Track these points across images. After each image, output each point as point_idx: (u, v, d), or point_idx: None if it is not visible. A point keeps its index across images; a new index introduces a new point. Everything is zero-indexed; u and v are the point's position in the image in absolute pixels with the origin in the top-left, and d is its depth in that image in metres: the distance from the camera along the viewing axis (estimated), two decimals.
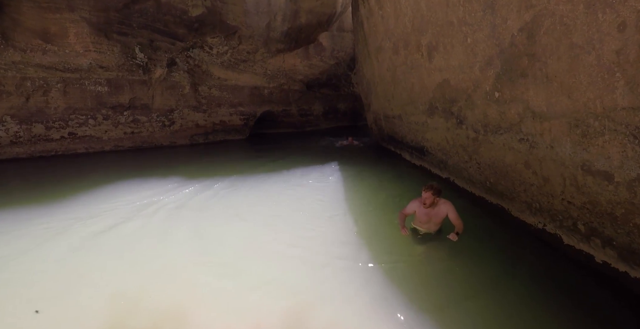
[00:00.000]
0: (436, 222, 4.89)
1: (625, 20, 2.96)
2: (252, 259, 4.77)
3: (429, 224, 4.95)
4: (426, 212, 4.80)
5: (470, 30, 5.23)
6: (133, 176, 9.31)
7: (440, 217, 4.82)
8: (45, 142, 12.64)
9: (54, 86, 12.47)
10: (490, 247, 4.88)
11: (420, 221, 4.95)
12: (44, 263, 4.77)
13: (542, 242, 4.91)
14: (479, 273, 4.25)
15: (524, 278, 4.13)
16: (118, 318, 3.59)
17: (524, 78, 4.39)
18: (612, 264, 4.00)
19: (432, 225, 4.95)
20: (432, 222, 4.89)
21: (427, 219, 4.86)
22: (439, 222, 4.90)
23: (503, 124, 5.21)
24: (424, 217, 4.86)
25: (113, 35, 12.64)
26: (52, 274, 4.48)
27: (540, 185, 4.76)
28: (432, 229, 5.04)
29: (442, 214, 4.79)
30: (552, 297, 3.78)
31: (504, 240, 5.11)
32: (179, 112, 14.75)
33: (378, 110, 11.96)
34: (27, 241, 5.42)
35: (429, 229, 5.04)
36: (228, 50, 14.61)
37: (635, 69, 2.98)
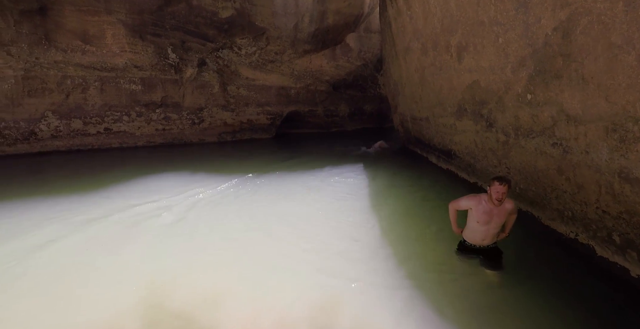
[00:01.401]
0: (497, 224, 4.05)
1: None
2: (281, 254, 4.90)
3: (487, 228, 4.07)
4: (489, 210, 3.97)
5: (501, 29, 5.05)
6: (165, 171, 9.74)
7: (503, 217, 4.03)
8: (82, 136, 13.39)
9: (92, 84, 13.16)
10: (516, 256, 4.67)
11: (479, 221, 4.04)
12: (84, 249, 5.10)
13: (573, 252, 4.67)
14: (501, 283, 4.10)
15: (552, 291, 3.94)
16: (155, 301, 3.82)
17: (559, 79, 4.19)
18: None
19: (491, 229, 4.08)
20: (493, 224, 4.04)
21: (487, 220, 4.00)
22: (499, 225, 4.07)
23: (535, 128, 5.00)
24: (485, 217, 3.99)
25: (147, 36, 13.07)
26: (91, 258, 4.80)
27: (574, 192, 4.53)
28: (487, 239, 4.18)
29: (505, 213, 4.03)
30: (577, 309, 3.59)
31: (533, 250, 4.90)
32: (208, 111, 15.09)
33: (405, 112, 11.78)
34: (67, 228, 5.77)
35: (484, 237, 4.16)
36: (256, 51, 14.80)
37: None
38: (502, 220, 4.03)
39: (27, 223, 5.97)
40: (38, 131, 12.71)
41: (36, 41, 11.92)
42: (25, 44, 11.75)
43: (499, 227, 4.08)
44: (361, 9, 14.81)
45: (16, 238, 5.38)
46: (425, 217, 6.14)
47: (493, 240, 4.22)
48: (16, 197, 7.40)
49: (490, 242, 4.21)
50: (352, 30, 15.25)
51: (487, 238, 4.17)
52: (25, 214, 6.44)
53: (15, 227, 5.79)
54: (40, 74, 12.34)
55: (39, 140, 12.75)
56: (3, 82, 12.00)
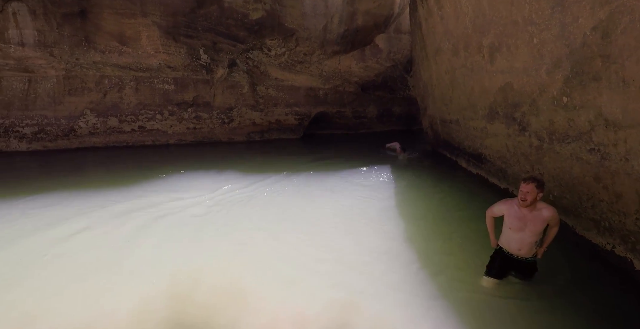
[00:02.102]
0: (532, 232, 3.73)
1: None
2: (306, 252, 4.97)
3: (521, 236, 3.79)
4: (521, 215, 3.71)
5: (536, 29, 4.83)
6: (195, 168, 10.04)
7: (539, 225, 3.69)
8: (118, 133, 13.93)
9: (127, 84, 13.70)
10: (548, 269, 4.42)
11: (512, 227, 3.80)
12: (116, 239, 5.35)
13: (609, 265, 4.41)
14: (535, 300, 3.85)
15: (586, 308, 3.71)
16: (181, 292, 3.96)
17: (597, 82, 3.96)
18: None
19: (526, 238, 3.78)
20: (528, 232, 3.74)
21: (520, 226, 3.74)
22: (536, 233, 3.74)
23: (571, 132, 4.75)
24: (517, 222, 3.75)
25: (180, 38, 13.45)
26: (122, 249, 5.03)
27: (612, 201, 4.27)
28: (524, 250, 3.86)
29: (542, 221, 3.68)
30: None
31: (565, 261, 4.65)
32: (237, 111, 15.34)
33: (434, 114, 11.54)
34: (102, 220, 6.08)
35: (520, 246, 3.85)
36: (285, 51, 14.91)
37: None
38: (539, 228, 3.70)
39: (66, 213, 6.35)
40: (77, 128, 13.32)
41: (77, 43, 12.48)
42: (67, 46, 12.31)
43: (535, 236, 3.75)
44: (391, 9, 14.62)
45: (54, 228, 5.71)
46: (454, 226, 5.94)
47: (531, 252, 3.88)
48: (57, 189, 7.84)
49: (527, 253, 3.88)
50: (382, 31, 15.09)
51: (523, 248, 3.85)
52: (65, 205, 6.82)
53: (54, 217, 6.14)
54: (80, 74, 12.93)
55: (77, 136, 13.37)
56: (46, 81, 12.67)
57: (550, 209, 3.70)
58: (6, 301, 3.81)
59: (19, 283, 4.15)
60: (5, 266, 4.55)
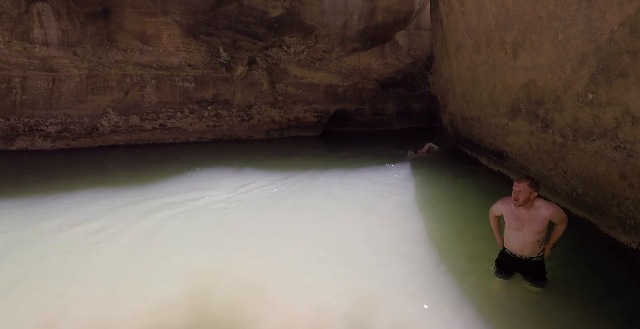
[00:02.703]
0: (532, 231, 3.59)
1: None
2: (324, 247, 5.03)
3: (521, 235, 3.66)
4: (518, 214, 3.61)
5: (562, 25, 4.77)
6: (216, 165, 10.19)
7: (537, 224, 3.54)
8: (139, 132, 14.23)
9: (148, 82, 13.97)
10: (572, 268, 4.38)
11: (510, 226, 3.72)
12: (138, 237, 5.47)
13: (635, 263, 4.34)
14: (560, 300, 3.75)
15: (610, 309, 3.66)
16: (202, 289, 4.02)
17: (624, 78, 3.90)
18: None
19: (526, 237, 3.63)
20: (527, 232, 3.61)
21: (518, 226, 3.63)
22: (536, 232, 3.58)
23: (596, 130, 4.69)
24: (515, 222, 3.64)
25: (200, 36, 13.66)
26: (144, 247, 5.15)
27: (638, 199, 4.21)
28: (527, 250, 3.71)
29: (540, 220, 3.53)
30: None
31: (590, 260, 4.59)
32: (257, 108, 15.50)
33: (455, 111, 11.44)
34: (124, 218, 6.17)
35: (522, 247, 3.71)
36: (305, 49, 14.98)
37: None
38: (538, 228, 3.55)
39: (90, 211, 6.47)
40: (99, 126, 13.66)
41: (99, 42, 12.76)
42: (89, 45, 12.60)
43: (536, 235, 3.59)
44: (411, 6, 14.52)
45: (78, 226, 5.81)
46: (474, 224, 5.79)
47: (535, 252, 3.71)
48: (82, 187, 8.00)
49: (530, 253, 3.72)
50: (402, 27, 15.00)
51: (525, 248, 3.70)
52: (89, 203, 6.96)
53: (78, 216, 6.26)
54: (102, 73, 13.25)
55: (100, 135, 13.70)
56: (70, 80, 13.05)
57: (549, 207, 3.54)
58: (29, 301, 3.85)
59: (41, 282, 4.18)
60: (24, 265, 4.57)
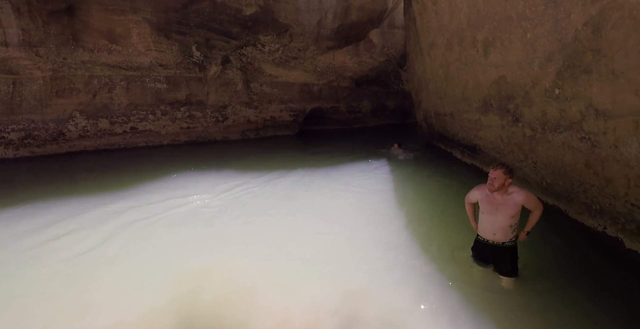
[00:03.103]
0: (505, 216, 3.69)
1: None
2: (309, 246, 5.09)
3: (494, 219, 3.76)
4: (492, 199, 3.72)
5: (530, 25, 5.08)
6: (192, 168, 9.92)
7: (510, 209, 3.65)
8: (109, 136, 13.56)
9: (118, 84, 13.34)
10: (545, 251, 4.71)
11: (484, 211, 3.81)
12: (114, 245, 5.27)
13: (602, 245, 4.71)
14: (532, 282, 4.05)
15: (584, 287, 3.98)
16: (190, 294, 3.96)
17: (588, 74, 4.22)
18: None
19: (499, 222, 3.75)
20: (500, 216, 3.72)
21: (492, 210, 3.73)
22: (509, 216, 3.69)
23: (563, 122, 5.02)
24: (489, 206, 3.75)
25: (172, 34, 13.36)
26: (123, 254, 4.99)
27: (602, 186, 4.56)
28: (499, 234, 3.82)
29: (513, 205, 3.65)
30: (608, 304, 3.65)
31: (560, 244, 4.93)
32: (231, 108, 15.33)
33: (429, 107, 11.79)
34: (102, 226, 5.94)
35: (494, 230, 3.83)
36: (279, 47, 14.98)
37: None
38: (511, 212, 3.66)
39: (57, 220, 6.15)
40: (66, 132, 12.87)
41: (64, 41, 12.05)
42: (53, 45, 11.88)
43: (509, 219, 3.70)
44: (385, 4, 14.79)
45: (57, 238, 5.51)
46: (453, 217, 6.01)
47: (507, 237, 3.81)
48: (47, 197, 7.52)
49: (503, 238, 3.82)
50: (376, 26, 15.28)
51: (497, 232, 3.81)
52: (54, 212, 6.56)
53: (45, 224, 5.96)
54: (68, 75, 12.49)
55: (67, 140, 12.90)
56: (32, 83, 12.13)
57: (521, 193, 3.65)
58: (9, 313, 3.75)
59: (14, 299, 4.01)
60: None
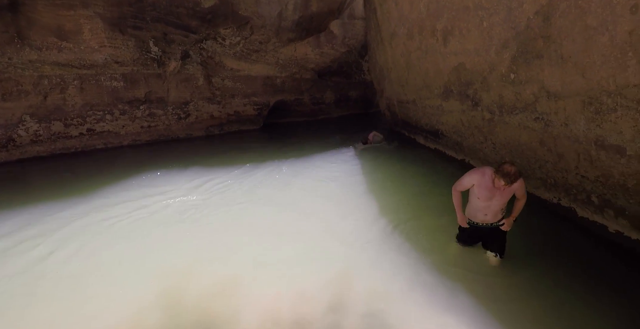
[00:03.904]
0: (499, 201, 3.76)
1: (637, 3, 3.17)
2: (287, 236, 5.18)
3: (488, 204, 3.80)
4: (492, 187, 3.68)
5: (486, 14, 5.42)
6: (157, 168, 9.62)
7: (506, 195, 3.73)
8: (64, 139, 12.76)
9: (70, 83, 12.52)
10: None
11: (480, 197, 3.78)
12: (89, 250, 5.11)
13: (557, 216, 5.17)
14: None
15: (540, 254, 4.41)
16: (174, 292, 3.96)
17: (539, 59, 4.60)
18: (625, 232, 4.27)
19: (492, 206, 3.80)
20: (495, 202, 3.76)
21: (489, 197, 3.73)
22: (503, 202, 3.78)
23: (518, 105, 5.43)
24: (486, 193, 3.72)
25: (127, 29, 12.83)
26: (99, 258, 4.87)
27: (555, 161, 5.00)
28: (490, 216, 3.89)
29: (510, 191, 3.71)
30: (563, 267, 4.08)
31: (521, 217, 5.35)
32: (194, 105, 15.01)
33: (392, 96, 12.14)
34: (68, 231, 5.71)
35: (486, 213, 3.87)
36: (240, 40, 14.80)
37: None
38: (506, 198, 3.75)
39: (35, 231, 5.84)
40: (16, 137, 11.94)
41: (8, 40, 11.22)
42: None
43: (502, 204, 3.79)
44: None
45: (33, 249, 5.24)
46: (424, 201, 6.34)
47: (497, 218, 3.92)
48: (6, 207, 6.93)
49: (492, 219, 3.92)
50: (336, 17, 15.41)
51: (489, 214, 3.87)
52: (15, 221, 6.21)
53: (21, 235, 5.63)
54: (14, 76, 11.56)
55: (17, 146, 11.97)
56: None
57: (518, 180, 3.61)
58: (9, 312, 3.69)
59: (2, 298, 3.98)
60: None
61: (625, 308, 3.34)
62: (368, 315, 3.43)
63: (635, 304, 3.39)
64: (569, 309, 3.37)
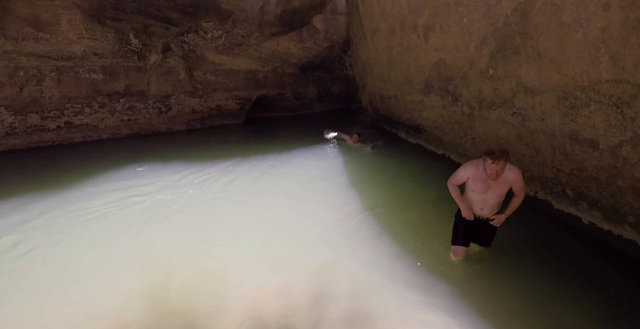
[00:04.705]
0: (495, 194, 3.66)
1: (609, 1, 3.27)
2: (272, 229, 5.20)
3: (484, 197, 3.71)
4: (486, 178, 3.58)
5: (466, 10, 5.50)
6: (137, 162, 9.47)
7: (502, 187, 3.61)
8: (41, 132, 12.52)
9: (47, 75, 12.29)
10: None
11: (475, 189, 3.69)
12: (69, 246, 5.06)
13: (534, 208, 5.33)
14: None
15: (517, 245, 4.53)
16: (157, 286, 3.93)
17: (517, 55, 4.71)
18: (598, 224, 4.43)
19: (488, 199, 3.71)
20: (490, 194, 3.67)
21: (484, 189, 3.63)
22: (499, 195, 3.68)
23: (497, 100, 5.55)
24: (482, 185, 3.62)
25: (107, 21, 12.56)
26: (79, 253, 4.79)
27: (532, 155, 5.14)
28: (486, 210, 3.81)
29: (506, 183, 3.58)
30: (541, 258, 4.22)
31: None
32: (175, 98, 14.79)
33: (373, 91, 12.22)
34: (50, 228, 5.60)
35: (482, 207, 3.79)
36: (222, 34, 14.62)
37: (618, 45, 3.31)
38: (502, 190, 3.64)
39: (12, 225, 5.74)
40: None
41: None
42: None
43: (498, 198, 3.69)
44: None
45: None
46: (406, 195, 6.42)
47: (492, 213, 3.85)
48: None
49: (488, 214, 3.85)
50: (319, 11, 15.34)
51: (485, 208, 3.79)
52: None
53: None
54: None
55: None
56: None
57: (514, 170, 3.56)
58: None
59: None
60: None
61: (594, 296, 3.47)
62: (350, 307, 3.48)
63: (607, 293, 3.52)
64: (542, 298, 3.48)
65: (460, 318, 3.26)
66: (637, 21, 3.07)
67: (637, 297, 3.44)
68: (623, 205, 3.94)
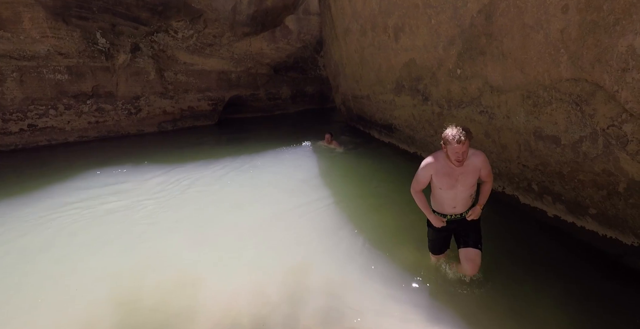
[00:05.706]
0: (465, 186, 3.21)
1: (567, 3, 3.43)
2: (247, 234, 5.11)
3: (454, 192, 3.25)
4: (450, 171, 3.15)
5: (434, 12, 5.63)
6: (106, 165, 9.19)
7: (471, 177, 3.18)
8: (2, 135, 11.99)
9: (9, 75, 11.81)
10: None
11: (442, 187, 3.24)
12: (32, 253, 4.87)
13: (502, 203, 5.50)
14: None
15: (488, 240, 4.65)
16: (128, 292, 3.85)
17: (483, 56, 4.86)
18: (562, 216, 4.63)
19: (459, 193, 3.25)
20: (460, 187, 3.21)
21: (451, 184, 3.19)
22: (469, 186, 3.23)
23: (465, 99, 5.70)
24: (447, 180, 3.19)
25: (72, 20, 12.13)
26: (43, 261, 4.64)
27: (499, 152, 5.31)
28: (459, 207, 3.34)
29: (473, 171, 3.17)
30: (510, 250, 4.37)
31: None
32: (145, 99, 14.44)
33: (346, 91, 12.31)
34: (17, 233, 5.44)
35: (454, 204, 3.32)
36: (194, 34, 14.38)
37: (576, 45, 3.47)
38: (472, 180, 3.20)
39: None
40: None
41: None
42: None
43: (469, 189, 3.26)
44: None
45: None
46: (383, 196, 6.47)
47: (466, 207, 3.39)
48: None
49: (462, 209, 3.38)
50: (291, 12, 15.35)
51: (457, 205, 3.34)
52: None
53: None
54: None
55: None
56: None
57: (480, 155, 3.20)
58: None
59: None
60: None
61: (558, 287, 3.61)
62: (327, 304, 3.50)
63: (572, 284, 3.66)
64: (514, 291, 3.57)
65: (437, 315, 3.31)
66: (593, 23, 3.23)
67: (604, 285, 3.57)
68: (584, 198, 4.12)
